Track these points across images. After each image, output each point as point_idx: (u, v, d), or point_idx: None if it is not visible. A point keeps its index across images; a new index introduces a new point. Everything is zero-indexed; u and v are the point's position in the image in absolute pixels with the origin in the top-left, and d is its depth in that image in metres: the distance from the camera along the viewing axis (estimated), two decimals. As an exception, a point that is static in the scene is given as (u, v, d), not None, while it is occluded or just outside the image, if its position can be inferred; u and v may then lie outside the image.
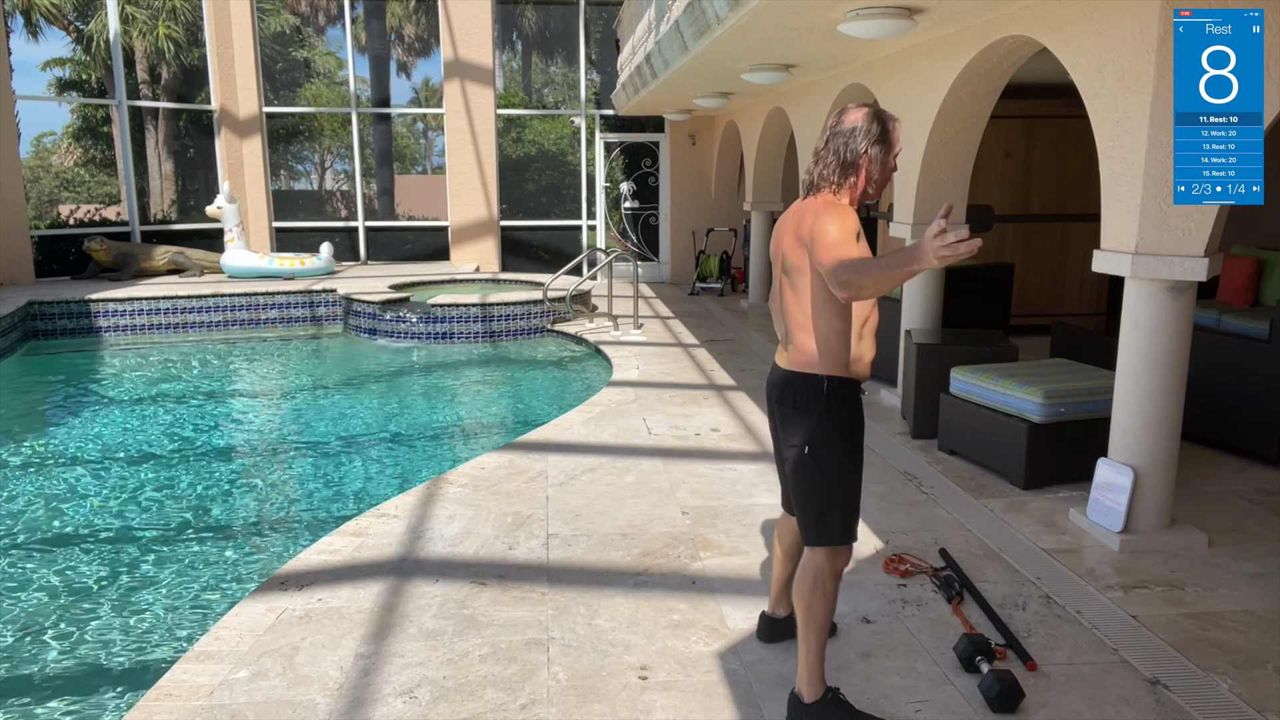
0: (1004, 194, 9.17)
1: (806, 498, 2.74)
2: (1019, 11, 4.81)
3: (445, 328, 9.98)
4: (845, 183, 2.67)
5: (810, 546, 2.76)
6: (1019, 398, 4.83)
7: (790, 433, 2.75)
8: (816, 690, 2.73)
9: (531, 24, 18.41)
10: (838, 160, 2.65)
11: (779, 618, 3.24)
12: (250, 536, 4.90)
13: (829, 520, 2.72)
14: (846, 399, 2.70)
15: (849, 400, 2.71)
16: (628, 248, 14.08)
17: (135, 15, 15.27)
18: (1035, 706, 2.89)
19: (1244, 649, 3.24)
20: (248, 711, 2.88)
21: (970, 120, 5.92)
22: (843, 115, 2.69)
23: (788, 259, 2.68)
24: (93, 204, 18.56)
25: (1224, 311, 6.44)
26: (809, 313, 2.65)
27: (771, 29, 5.82)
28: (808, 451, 2.69)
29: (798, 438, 2.71)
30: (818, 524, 2.73)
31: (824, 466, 2.69)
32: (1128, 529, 4.10)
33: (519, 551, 4.09)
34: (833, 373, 2.67)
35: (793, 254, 2.66)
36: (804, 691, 2.74)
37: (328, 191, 19.09)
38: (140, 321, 10.38)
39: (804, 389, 2.69)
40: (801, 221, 2.64)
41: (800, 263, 2.63)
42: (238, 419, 7.40)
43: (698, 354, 8.60)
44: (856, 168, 2.65)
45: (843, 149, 2.64)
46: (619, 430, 6.02)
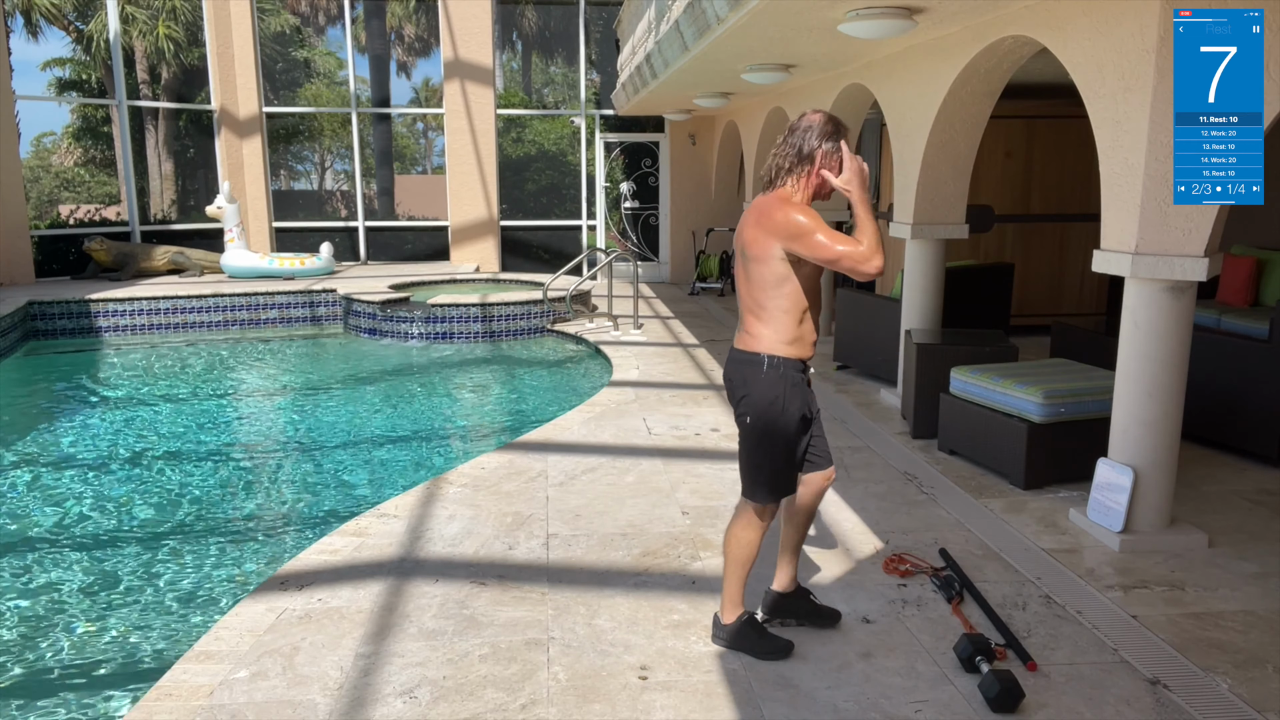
0: (1004, 194, 9.17)
1: (744, 459, 3.13)
2: (1019, 11, 4.81)
3: (445, 328, 9.98)
4: (800, 171, 2.97)
5: (744, 498, 3.15)
6: (1019, 398, 4.83)
7: (736, 404, 3.10)
8: (734, 614, 3.19)
9: (531, 24, 18.41)
10: (795, 152, 2.96)
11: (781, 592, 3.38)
12: (250, 536, 4.90)
13: (758, 480, 3.09)
14: (782, 375, 2.99)
15: (785, 377, 2.99)
16: (628, 248, 14.08)
17: (135, 15, 15.27)
18: (1035, 706, 2.89)
19: (1244, 649, 3.24)
20: (248, 711, 2.88)
21: (970, 120, 5.92)
22: (802, 117, 3.03)
23: (748, 249, 2.97)
24: (93, 204, 18.56)
25: (1224, 311, 6.45)
26: (758, 297, 2.98)
27: (771, 29, 5.82)
28: (748, 421, 3.04)
29: (742, 408, 3.07)
30: (751, 483, 3.11)
31: (758, 434, 3.04)
32: (1128, 529, 4.10)
33: (519, 551, 4.09)
34: (772, 351, 2.98)
35: (753, 245, 2.95)
36: (723, 613, 3.21)
37: (328, 191, 19.10)
38: (140, 321, 10.38)
39: (747, 366, 3.02)
40: (763, 214, 2.93)
41: (759, 252, 2.93)
42: (237, 419, 7.40)
43: (698, 354, 8.60)
44: (812, 159, 2.95)
45: (800, 142, 2.96)
46: (619, 430, 6.02)
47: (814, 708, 2.89)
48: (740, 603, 3.21)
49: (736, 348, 3.08)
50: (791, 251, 2.87)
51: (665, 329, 9.98)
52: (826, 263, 2.86)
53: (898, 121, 6.48)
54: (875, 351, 7.15)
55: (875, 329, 7.17)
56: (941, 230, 6.24)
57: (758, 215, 2.95)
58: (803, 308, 2.97)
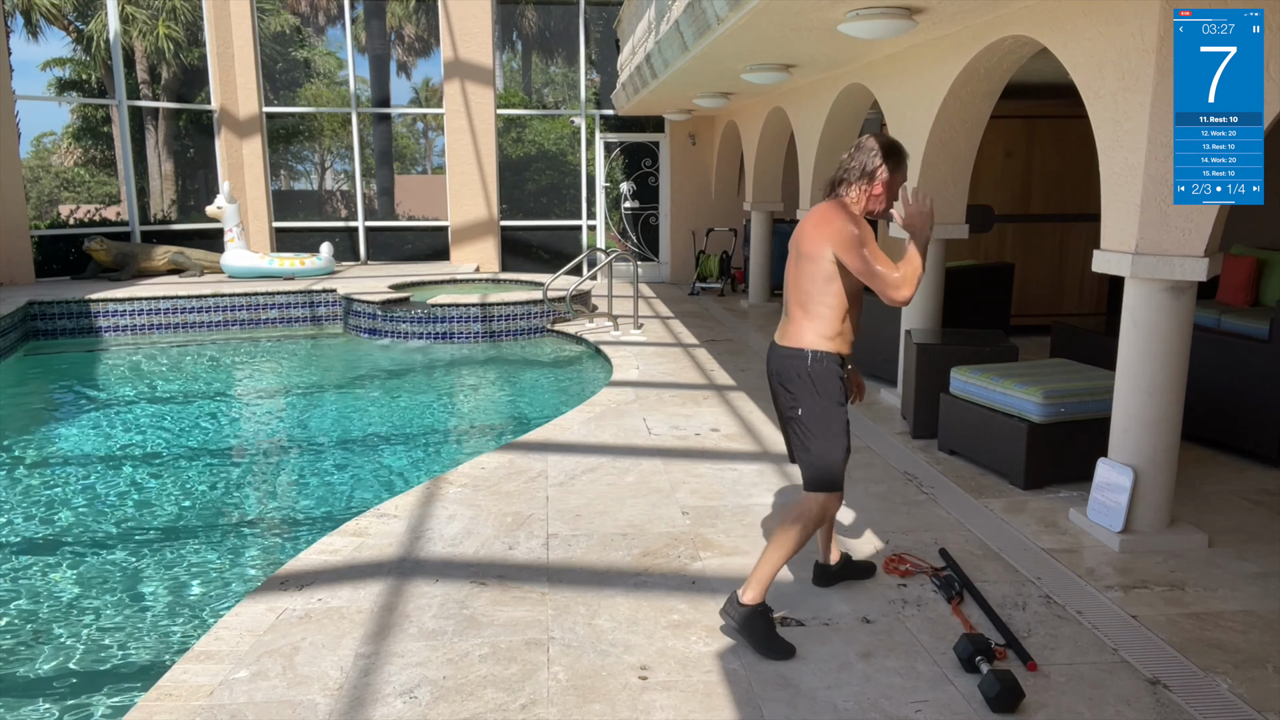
0: (1004, 194, 9.17)
1: (802, 452, 3.28)
2: (1019, 11, 4.81)
3: (445, 328, 9.98)
4: (861, 186, 3.24)
5: (808, 491, 3.27)
6: (1019, 398, 4.83)
7: (784, 398, 3.29)
8: (756, 597, 3.26)
9: (531, 24, 18.42)
10: (859, 167, 3.24)
11: (831, 565, 3.70)
12: (250, 536, 4.90)
13: (818, 470, 3.23)
14: (826, 369, 3.20)
15: (828, 370, 3.21)
16: (628, 248, 14.08)
17: (135, 15, 15.27)
18: (1035, 706, 2.89)
19: (1244, 649, 3.24)
20: (248, 711, 2.88)
21: (970, 120, 5.92)
22: (867, 136, 3.31)
23: (802, 246, 3.23)
24: (93, 204, 18.57)
25: (1224, 311, 6.45)
26: (808, 290, 3.22)
27: (771, 29, 5.82)
28: (800, 414, 3.23)
29: (790, 401, 3.26)
30: (811, 474, 3.26)
31: (812, 424, 3.22)
32: (1128, 529, 4.10)
33: (519, 551, 4.09)
34: (815, 347, 3.21)
35: (807, 244, 3.20)
36: (746, 593, 3.27)
37: (328, 191, 19.11)
38: (140, 321, 10.38)
39: (791, 360, 3.24)
40: (823, 219, 3.19)
41: (812, 250, 3.18)
42: (238, 419, 7.40)
43: (698, 354, 8.60)
44: (872, 177, 3.23)
45: (865, 159, 3.24)
46: (619, 430, 6.02)
47: (814, 708, 2.89)
48: (766, 589, 3.29)
49: (781, 343, 3.29)
50: (839, 256, 3.13)
51: (665, 329, 9.98)
52: (861, 275, 3.12)
53: (898, 122, 6.48)
54: (875, 351, 7.15)
55: (875, 329, 7.17)
56: (941, 230, 6.24)
57: (818, 219, 3.21)
58: (845, 307, 3.21)
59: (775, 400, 3.38)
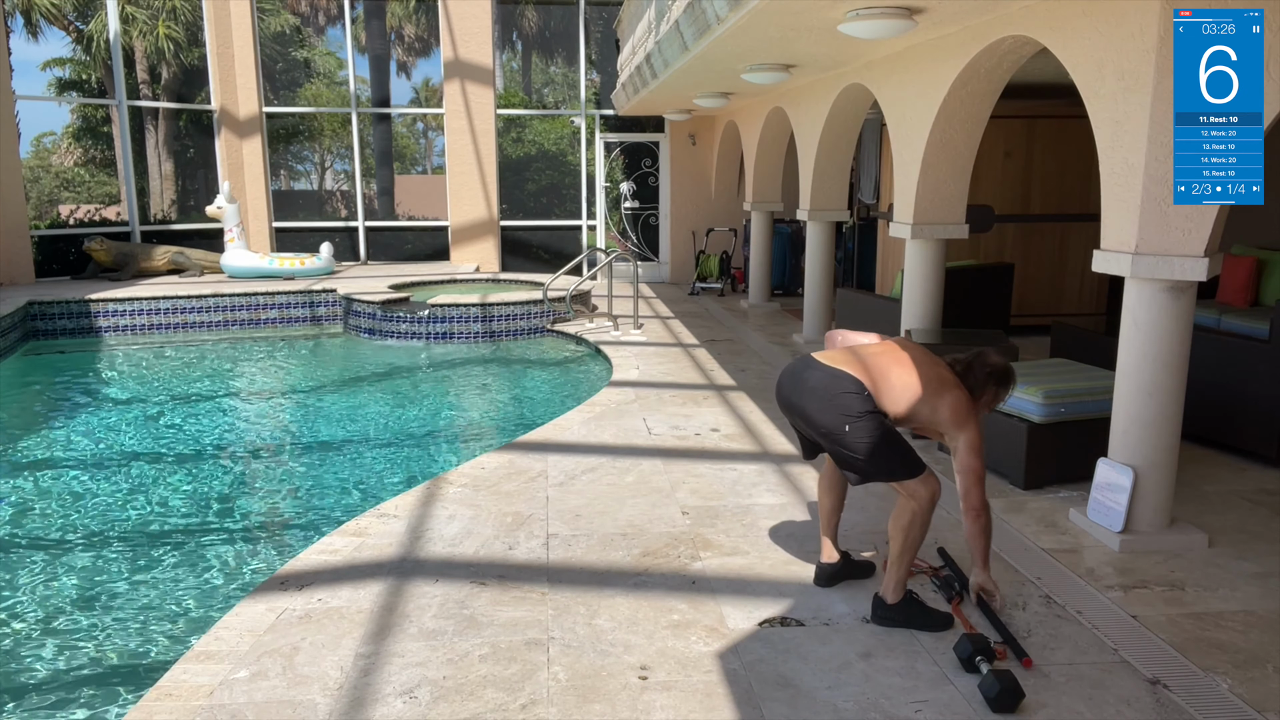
0: (1004, 194, 9.17)
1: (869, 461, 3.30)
2: (1019, 11, 4.81)
3: (445, 328, 9.98)
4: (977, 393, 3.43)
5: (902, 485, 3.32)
6: (1019, 398, 4.83)
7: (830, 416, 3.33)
8: (899, 595, 3.40)
9: (531, 24, 18.43)
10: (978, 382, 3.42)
11: (831, 564, 3.74)
12: (250, 536, 4.90)
13: (894, 461, 3.30)
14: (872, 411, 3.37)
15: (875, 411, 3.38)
16: (628, 248, 14.08)
17: (135, 15, 15.27)
18: (1035, 706, 2.89)
19: (1244, 649, 3.24)
20: (248, 711, 2.88)
21: (970, 120, 5.92)
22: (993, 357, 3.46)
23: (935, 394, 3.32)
24: (93, 204, 18.55)
25: (1224, 311, 6.46)
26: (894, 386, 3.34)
27: (771, 29, 5.82)
28: (848, 430, 3.28)
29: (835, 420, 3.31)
30: (890, 469, 3.32)
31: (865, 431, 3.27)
32: (1128, 529, 4.10)
33: (519, 551, 4.09)
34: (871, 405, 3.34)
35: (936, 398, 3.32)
36: (888, 595, 3.40)
37: (328, 191, 19.11)
38: (140, 321, 10.38)
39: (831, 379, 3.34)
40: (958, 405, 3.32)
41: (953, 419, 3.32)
42: (237, 419, 7.40)
43: (698, 354, 8.60)
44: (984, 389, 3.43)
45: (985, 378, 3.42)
46: (619, 430, 6.02)
47: (814, 708, 2.89)
48: (905, 583, 3.42)
49: (825, 363, 3.39)
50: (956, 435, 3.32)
51: (665, 329, 9.98)
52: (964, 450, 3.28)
53: (898, 121, 6.48)
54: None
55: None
56: (941, 230, 6.24)
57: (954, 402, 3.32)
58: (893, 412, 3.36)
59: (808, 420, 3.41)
